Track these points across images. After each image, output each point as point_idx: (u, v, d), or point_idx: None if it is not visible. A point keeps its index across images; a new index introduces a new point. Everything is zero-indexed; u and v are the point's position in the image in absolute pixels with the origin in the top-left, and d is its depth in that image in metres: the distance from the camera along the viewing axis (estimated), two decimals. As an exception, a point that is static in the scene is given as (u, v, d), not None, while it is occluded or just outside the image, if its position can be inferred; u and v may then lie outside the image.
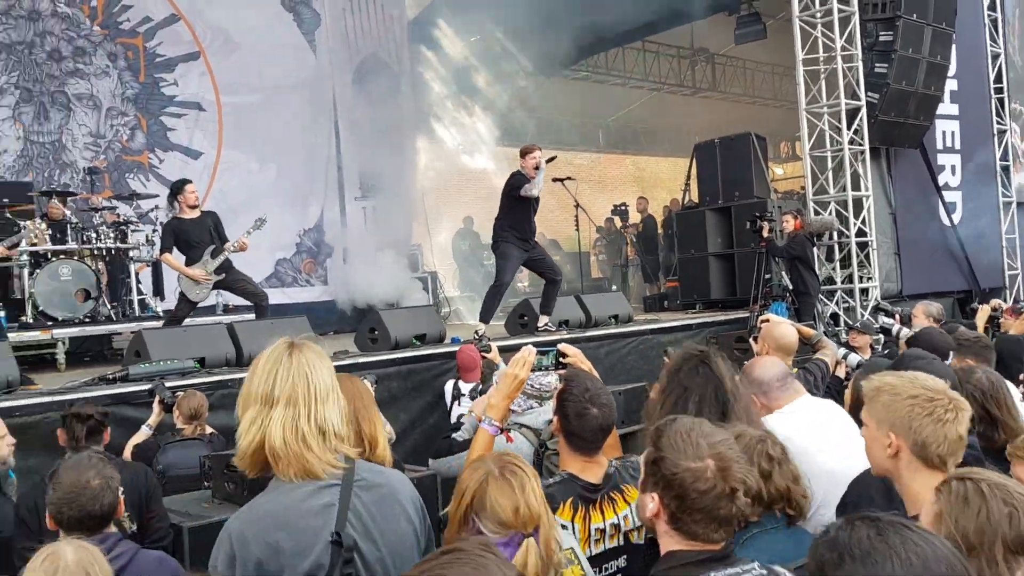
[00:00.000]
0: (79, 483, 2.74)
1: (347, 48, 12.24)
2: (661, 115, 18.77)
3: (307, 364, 1.99)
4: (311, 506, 1.93)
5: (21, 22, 9.72)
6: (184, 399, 5.09)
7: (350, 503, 1.95)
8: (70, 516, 2.72)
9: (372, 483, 2.02)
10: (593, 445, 2.75)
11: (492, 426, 3.00)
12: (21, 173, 9.47)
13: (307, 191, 11.69)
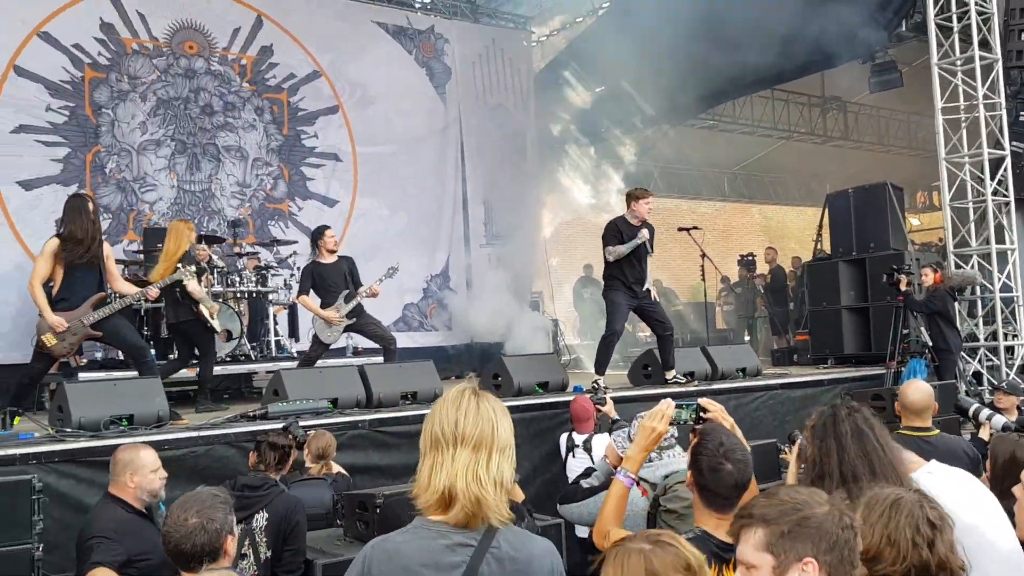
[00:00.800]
0: (177, 520, 2.85)
1: (476, 99, 12.61)
2: (790, 163, 18.41)
3: (492, 411, 2.05)
4: (443, 560, 1.96)
5: (179, 79, 10.47)
6: (313, 439, 5.25)
7: (478, 570, 1.96)
8: (168, 550, 2.85)
9: (507, 555, 2.01)
10: (727, 502, 2.70)
11: (627, 478, 2.98)
12: (173, 219, 10.11)
13: (435, 238, 12.03)
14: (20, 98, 9.32)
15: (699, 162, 17.60)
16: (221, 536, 2.84)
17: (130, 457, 4.01)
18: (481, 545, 1.98)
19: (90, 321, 6.42)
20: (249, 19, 10.95)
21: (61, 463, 5.08)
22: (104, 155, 9.85)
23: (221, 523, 2.86)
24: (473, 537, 1.99)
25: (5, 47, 9.28)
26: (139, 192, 10.04)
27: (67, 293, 6.39)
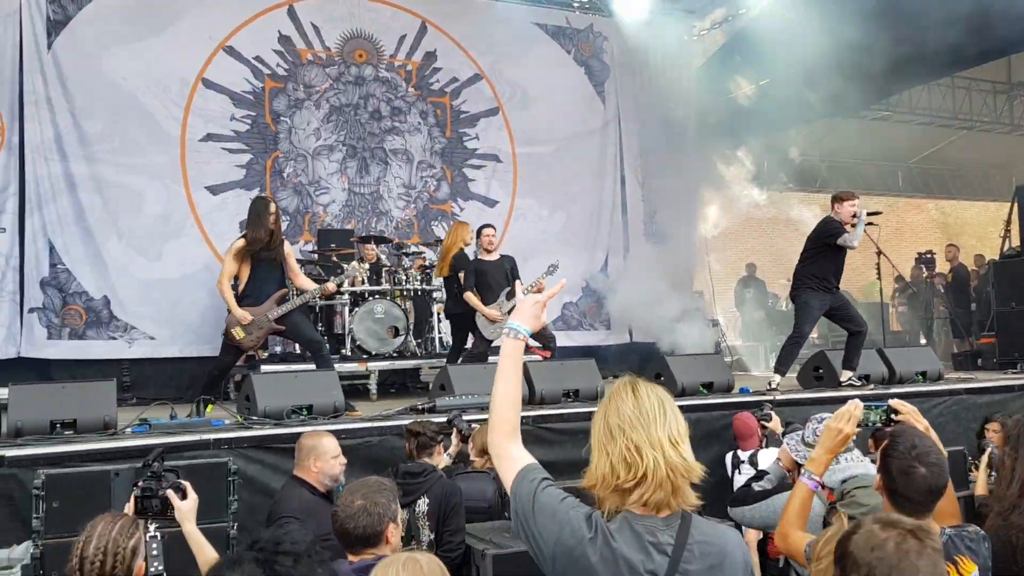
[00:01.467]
0: (344, 502, 2.96)
1: (635, 97, 12.50)
2: (972, 155, 17.18)
3: (668, 398, 2.10)
4: (647, 550, 1.96)
5: (349, 86, 10.95)
6: (478, 433, 5.34)
7: (679, 565, 1.96)
8: (334, 531, 2.96)
9: (707, 548, 2.01)
10: (921, 507, 2.57)
11: (812, 480, 2.89)
12: (345, 221, 10.60)
13: (593, 237, 12.00)
14: (208, 109, 10.00)
15: (871, 155, 16.71)
16: (383, 521, 2.93)
17: (313, 443, 4.22)
18: (680, 533, 1.98)
19: (274, 316, 6.84)
20: (414, 26, 11.30)
21: (249, 448, 5.42)
22: (282, 160, 10.42)
23: (384, 509, 2.95)
24: (670, 525, 1.99)
25: (196, 61, 9.98)
26: (314, 195, 10.56)
27: (252, 290, 6.85)
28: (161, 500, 3.09)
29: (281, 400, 5.93)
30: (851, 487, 3.55)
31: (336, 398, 6.19)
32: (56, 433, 5.29)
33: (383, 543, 2.95)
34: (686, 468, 2.02)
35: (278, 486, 5.37)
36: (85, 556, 2.62)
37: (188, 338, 9.40)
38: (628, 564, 1.93)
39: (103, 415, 5.47)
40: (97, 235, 9.22)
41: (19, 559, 4.47)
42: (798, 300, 7.78)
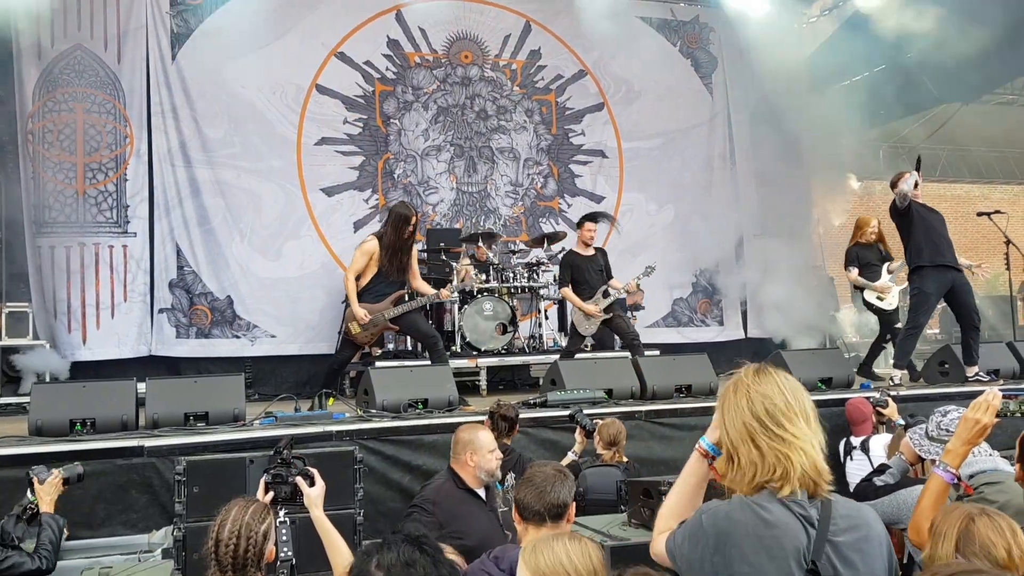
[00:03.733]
0: (538, 472, 3.00)
1: (744, 88, 12.25)
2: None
3: (801, 385, 2.11)
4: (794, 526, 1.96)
5: (456, 87, 11.12)
6: (604, 427, 5.37)
7: (827, 536, 1.95)
8: (523, 498, 2.95)
9: (852, 523, 2.01)
10: None
11: (947, 472, 2.80)
12: (453, 219, 10.78)
13: (703, 231, 11.81)
14: (322, 113, 10.34)
15: (995, 142, 15.87)
16: (571, 495, 2.98)
17: (470, 437, 4.27)
18: (824, 512, 1.98)
19: (390, 316, 7.05)
20: (519, 26, 11.39)
21: (368, 440, 5.59)
22: (393, 162, 10.68)
23: (572, 484, 3.03)
24: (814, 508, 1.99)
25: (310, 68, 10.33)
26: (423, 195, 10.78)
27: (373, 288, 7.11)
28: (291, 487, 3.19)
29: (398, 394, 6.09)
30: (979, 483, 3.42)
31: (451, 392, 6.32)
32: (189, 425, 5.58)
33: (565, 520, 2.98)
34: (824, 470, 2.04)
35: (397, 476, 5.56)
36: (220, 539, 2.73)
37: (307, 336, 9.75)
38: (784, 528, 1.95)
39: (233, 408, 5.74)
40: (220, 237, 9.66)
41: (159, 543, 4.74)
42: (911, 286, 7.49)
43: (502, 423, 5.11)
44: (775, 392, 2.03)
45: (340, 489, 4.37)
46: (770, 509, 1.97)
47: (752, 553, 1.92)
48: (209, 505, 3.16)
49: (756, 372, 2.10)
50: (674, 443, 6.23)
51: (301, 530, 3.23)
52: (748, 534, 1.95)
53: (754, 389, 2.06)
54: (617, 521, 4.67)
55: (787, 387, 2.06)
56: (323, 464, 3.56)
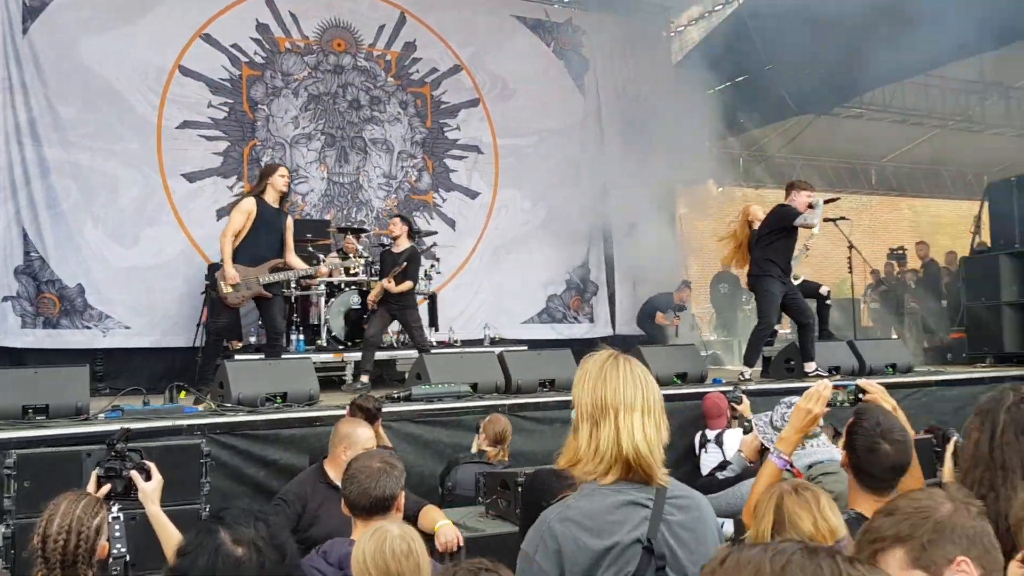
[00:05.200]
0: (362, 466, 2.94)
1: (614, 91, 12.56)
2: (945, 154, 17.35)
3: (646, 374, 2.13)
4: (624, 515, 2.00)
5: (328, 75, 10.91)
6: (490, 423, 5.38)
7: (662, 516, 2.01)
8: (352, 496, 2.90)
9: (686, 504, 2.08)
10: (884, 484, 2.64)
11: (781, 459, 2.94)
12: (324, 210, 10.58)
13: (576, 229, 12.05)
14: (184, 96, 9.93)
15: (845, 153, 16.87)
16: (399, 484, 2.94)
17: (347, 431, 4.15)
18: (659, 496, 2.03)
19: (264, 281, 6.87)
20: (393, 16, 11.29)
21: (222, 434, 5.43)
22: (260, 148, 10.38)
23: (400, 473, 2.97)
24: (647, 491, 2.04)
25: (173, 48, 9.91)
26: (292, 184, 10.51)
27: (248, 250, 6.90)
28: (124, 481, 3.04)
29: (255, 388, 5.94)
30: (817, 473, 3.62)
31: (311, 386, 6.21)
32: (28, 418, 5.26)
33: (394, 510, 2.95)
34: (662, 445, 2.08)
35: (251, 472, 5.42)
36: (48, 534, 2.57)
37: (164, 327, 9.36)
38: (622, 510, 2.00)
39: (75, 401, 5.45)
40: (71, 221, 9.14)
41: (-10, 542, 4.45)
42: (760, 288, 7.78)
43: (361, 414, 5.01)
44: (608, 381, 2.08)
45: (185, 484, 4.22)
46: (608, 492, 2.02)
47: (592, 534, 1.97)
48: (41, 501, 2.99)
49: (606, 357, 2.14)
50: (536, 436, 6.32)
51: (141, 527, 3.10)
52: (589, 516, 1.99)
53: (591, 377, 2.11)
54: (476, 513, 4.72)
55: (631, 377, 2.10)
56: (166, 458, 3.44)
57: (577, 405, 2.12)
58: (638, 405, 2.05)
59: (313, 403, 6.15)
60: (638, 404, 2.05)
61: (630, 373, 2.09)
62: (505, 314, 11.29)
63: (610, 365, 2.11)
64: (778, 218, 7.73)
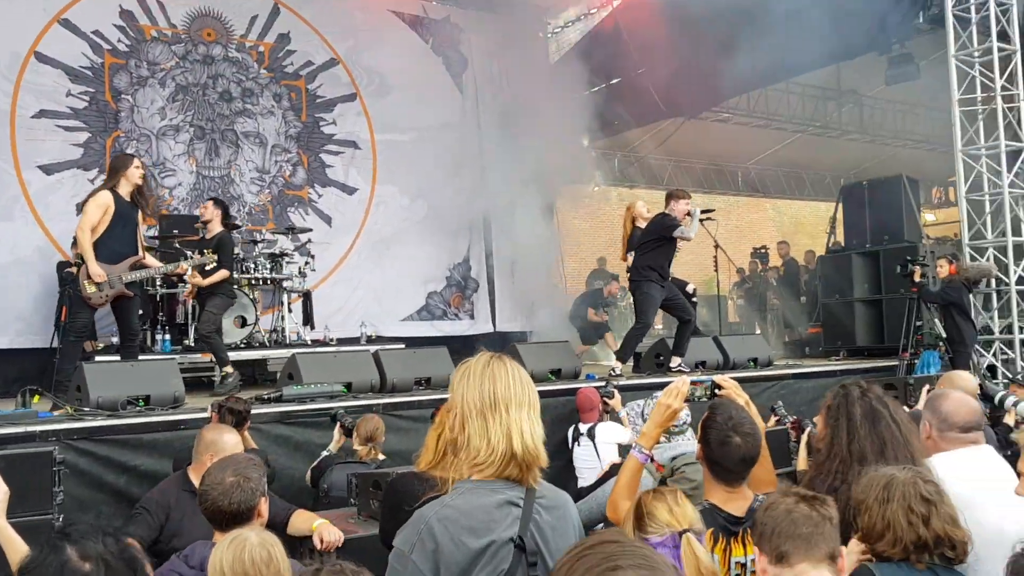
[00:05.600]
0: (215, 479, 2.88)
1: (493, 89, 12.64)
2: (805, 158, 18.29)
3: (523, 373, 2.17)
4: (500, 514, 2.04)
5: (197, 65, 10.54)
6: (362, 422, 5.32)
7: (531, 516, 2.06)
8: (205, 509, 2.87)
9: (552, 503, 2.14)
10: (735, 475, 2.74)
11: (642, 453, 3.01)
12: (193, 205, 10.19)
13: (456, 226, 12.06)
14: (41, 84, 9.39)
15: (713, 156, 17.55)
16: (256, 496, 2.88)
17: (213, 438, 4.01)
18: (528, 496, 2.07)
19: (127, 280, 6.55)
20: (266, 7, 11.01)
21: (79, 440, 5.18)
22: (124, 140, 9.92)
23: (256, 483, 2.90)
24: (519, 490, 2.08)
25: (27, 34, 9.35)
26: (159, 177, 10.11)
27: (107, 247, 6.56)
28: None
29: (115, 391, 5.68)
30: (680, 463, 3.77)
31: (176, 388, 5.99)
32: None
33: (255, 518, 2.89)
34: (542, 441, 2.12)
35: (111, 479, 5.20)
36: None
37: (18, 328, 8.82)
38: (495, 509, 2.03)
39: (-87, 407, 5.09)
40: (-88, 215, 8.53)
41: None
42: (639, 291, 8.08)
43: (230, 417, 4.90)
44: (497, 380, 2.12)
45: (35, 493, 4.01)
46: (485, 491, 2.06)
47: (470, 533, 2.00)
48: None
49: (486, 359, 2.17)
50: (410, 435, 6.30)
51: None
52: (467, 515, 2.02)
53: (477, 376, 2.14)
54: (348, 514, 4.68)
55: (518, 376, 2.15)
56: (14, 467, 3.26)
57: (461, 403, 2.13)
58: (525, 402, 2.11)
59: (178, 405, 5.94)
60: (525, 402, 2.11)
61: (517, 372, 2.15)
62: (385, 312, 11.19)
63: (496, 363, 2.16)
64: (658, 227, 8.03)
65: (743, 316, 15.11)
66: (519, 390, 2.11)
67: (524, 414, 2.09)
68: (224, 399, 5.17)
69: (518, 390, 2.10)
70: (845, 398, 2.78)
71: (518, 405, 2.09)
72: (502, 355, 2.20)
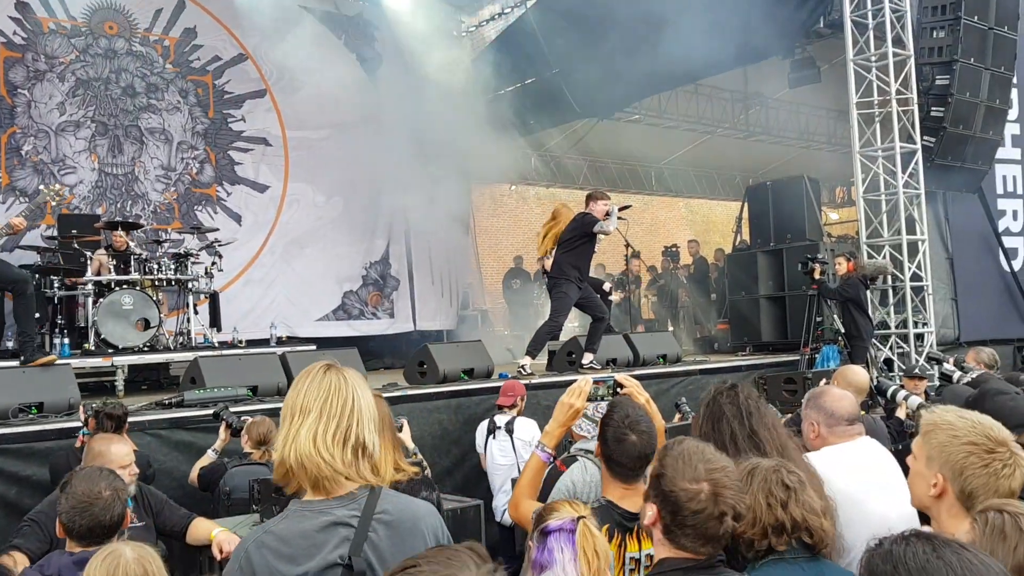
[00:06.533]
0: (91, 493, 2.81)
1: (407, 87, 12.53)
2: (714, 158, 18.72)
3: (341, 381, 2.03)
4: (324, 538, 1.93)
5: (98, 59, 10.20)
6: (253, 425, 5.23)
7: (367, 536, 1.95)
8: (81, 525, 2.79)
9: (393, 518, 2.01)
10: (632, 472, 2.77)
11: (544, 452, 3.03)
12: (95, 203, 9.87)
13: (373, 224, 11.95)
14: (-73, 76, 8.99)
15: (627, 156, 17.79)
16: (125, 508, 2.86)
17: (101, 449, 3.92)
18: (365, 513, 1.97)
19: None
20: (171, 1, 10.72)
21: (-35, 450, 4.97)
22: (20, 136, 9.54)
23: (125, 495, 2.88)
24: (355, 506, 1.98)
25: (-89, 23, 8.93)
26: (58, 175, 9.75)
27: None
28: None
29: (6, 398, 5.46)
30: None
31: (71, 394, 5.78)
32: None
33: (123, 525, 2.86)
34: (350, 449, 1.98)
35: (2, 490, 5.00)
36: None
37: None
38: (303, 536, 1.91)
39: None
40: None
41: None
42: (556, 289, 8.14)
43: (109, 422, 4.74)
44: (295, 389, 2.03)
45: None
46: (309, 513, 1.96)
47: (287, 561, 1.90)
48: None
49: (309, 367, 2.08)
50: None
51: None
52: (285, 541, 1.92)
53: (295, 385, 2.05)
54: (250, 521, 4.60)
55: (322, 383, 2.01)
56: None
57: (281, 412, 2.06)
58: (315, 409, 1.97)
59: (73, 412, 5.73)
60: (315, 408, 1.97)
61: (321, 380, 2.02)
62: (300, 312, 11.04)
63: (305, 373, 2.06)
64: (579, 226, 8.12)
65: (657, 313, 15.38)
66: (313, 397, 1.98)
67: (309, 421, 1.95)
68: (100, 404, 4.99)
69: (312, 397, 1.98)
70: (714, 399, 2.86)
71: (303, 412, 1.97)
72: (330, 364, 2.07)
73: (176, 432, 5.74)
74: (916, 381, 6.61)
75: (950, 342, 10.65)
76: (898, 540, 1.49)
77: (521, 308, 14.25)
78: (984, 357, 6.12)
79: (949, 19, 10.02)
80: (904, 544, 1.47)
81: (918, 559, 1.43)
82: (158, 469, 5.45)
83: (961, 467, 2.13)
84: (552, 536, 2.05)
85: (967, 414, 2.30)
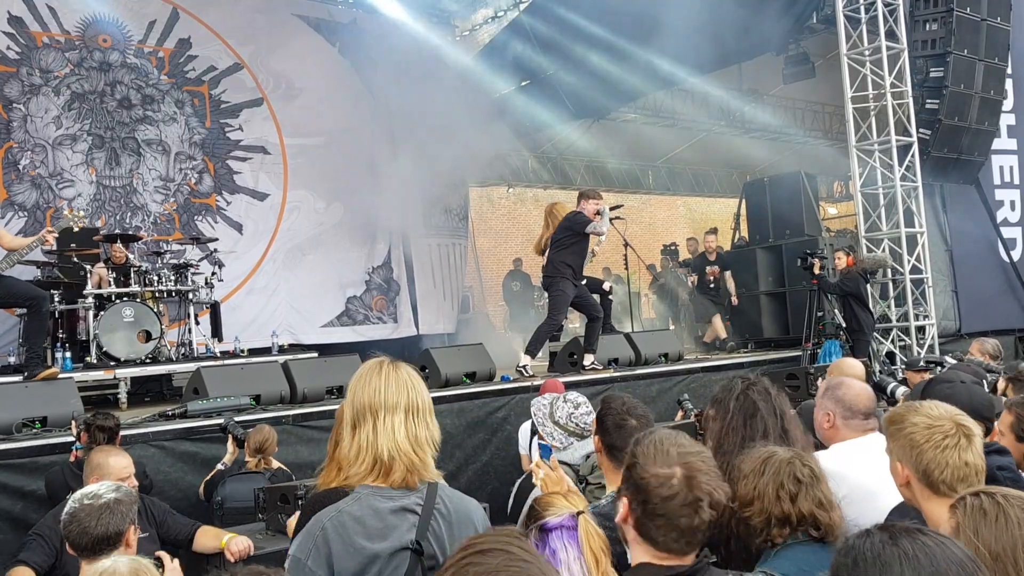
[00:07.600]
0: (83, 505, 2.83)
1: (403, 92, 12.55)
2: (712, 156, 18.73)
3: (411, 377, 2.16)
4: (396, 521, 2.05)
5: (93, 72, 10.22)
6: (252, 433, 5.24)
7: (429, 522, 2.08)
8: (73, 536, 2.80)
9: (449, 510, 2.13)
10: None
11: None
12: (94, 216, 9.89)
13: (374, 229, 11.97)
14: (-76, 93, 9.01)
15: (623, 156, 17.80)
16: (126, 522, 2.83)
17: (100, 461, 3.91)
18: (427, 504, 2.09)
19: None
20: (164, 12, 10.75)
21: (-29, 465, 4.98)
22: (17, 151, 9.56)
23: (127, 509, 2.86)
24: (418, 496, 2.09)
25: (-93, 41, 8.95)
26: (56, 188, 9.77)
27: None
28: None
29: (10, 413, 5.47)
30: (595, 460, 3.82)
31: (74, 408, 5.78)
32: None
33: (124, 545, 2.83)
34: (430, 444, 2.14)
35: (6, 505, 5.02)
36: None
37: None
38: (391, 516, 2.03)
39: None
40: None
41: None
42: (553, 288, 8.14)
43: (101, 435, 4.74)
44: (370, 387, 2.12)
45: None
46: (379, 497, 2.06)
47: (365, 538, 2.00)
48: None
49: (373, 364, 2.17)
50: (322, 445, 6.19)
51: None
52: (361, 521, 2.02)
53: (362, 381, 2.14)
54: (255, 530, 4.60)
55: (394, 380, 2.13)
56: None
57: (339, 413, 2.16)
58: (401, 407, 2.10)
59: (78, 426, 5.74)
60: (401, 406, 2.10)
61: (393, 376, 2.13)
62: (304, 319, 11.06)
63: (372, 370, 2.14)
64: (570, 224, 8.11)
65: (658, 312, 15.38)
66: (393, 394, 2.10)
67: (399, 418, 2.09)
68: (91, 416, 4.99)
69: (392, 394, 2.10)
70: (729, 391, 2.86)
71: (391, 409, 2.09)
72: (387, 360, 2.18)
73: (180, 443, 5.74)
74: (917, 373, 6.61)
75: (951, 334, 10.65)
76: (860, 534, 1.52)
77: (521, 309, 14.27)
78: (988, 348, 6.13)
79: (942, 11, 10.03)
80: (865, 537, 1.50)
81: (874, 549, 1.46)
82: (163, 480, 5.46)
83: (910, 449, 2.21)
84: (553, 534, 2.03)
85: (912, 404, 2.36)
